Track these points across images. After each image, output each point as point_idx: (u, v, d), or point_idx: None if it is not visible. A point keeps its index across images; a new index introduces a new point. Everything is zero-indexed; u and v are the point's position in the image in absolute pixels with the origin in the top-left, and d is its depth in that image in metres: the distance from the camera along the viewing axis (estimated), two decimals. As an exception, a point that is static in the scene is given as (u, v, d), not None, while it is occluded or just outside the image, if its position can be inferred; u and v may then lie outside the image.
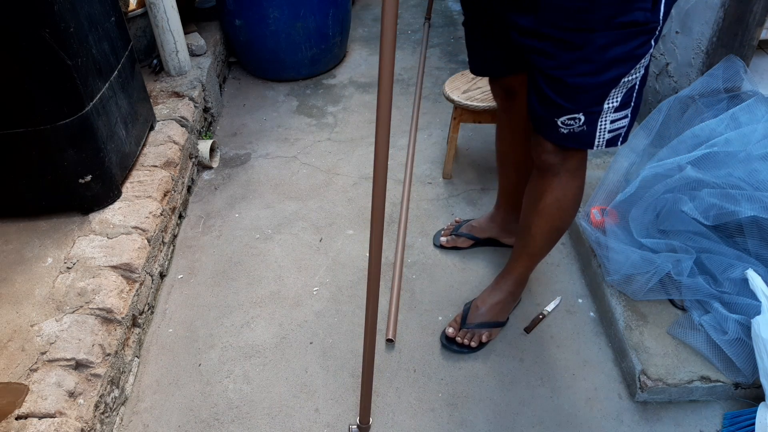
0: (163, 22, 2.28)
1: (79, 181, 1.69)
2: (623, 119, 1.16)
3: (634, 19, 1.00)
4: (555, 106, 1.14)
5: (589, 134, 1.17)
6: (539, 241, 1.48)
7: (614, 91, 1.10)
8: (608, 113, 1.14)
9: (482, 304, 1.61)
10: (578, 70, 1.08)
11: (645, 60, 1.07)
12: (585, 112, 1.13)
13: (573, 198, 1.38)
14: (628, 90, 1.11)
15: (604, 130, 1.17)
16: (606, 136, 1.18)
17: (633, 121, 1.20)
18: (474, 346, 1.57)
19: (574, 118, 1.14)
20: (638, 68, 1.08)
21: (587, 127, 1.16)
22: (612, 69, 1.06)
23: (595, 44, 1.03)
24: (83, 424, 1.29)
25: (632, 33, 1.02)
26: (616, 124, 1.16)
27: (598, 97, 1.11)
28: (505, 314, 1.63)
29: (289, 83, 2.87)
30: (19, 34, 1.43)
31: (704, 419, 1.41)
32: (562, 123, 1.16)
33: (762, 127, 1.53)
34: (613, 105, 1.12)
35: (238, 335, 1.67)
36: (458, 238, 1.88)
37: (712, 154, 1.53)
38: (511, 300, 1.63)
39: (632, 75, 1.08)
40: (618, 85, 1.09)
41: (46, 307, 1.49)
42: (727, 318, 1.41)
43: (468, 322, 1.59)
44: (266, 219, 2.07)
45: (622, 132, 1.19)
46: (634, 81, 1.10)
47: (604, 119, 1.15)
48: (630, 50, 1.04)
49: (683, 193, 1.53)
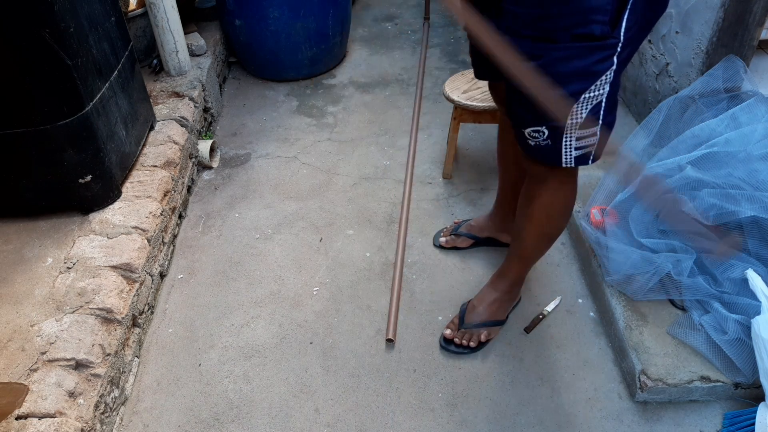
0: (163, 22, 2.28)
1: (79, 181, 1.69)
2: (591, 137, 1.13)
3: (590, 32, 0.99)
4: (519, 116, 1.14)
5: (555, 150, 1.15)
6: (530, 246, 1.50)
7: (576, 107, 1.08)
8: (573, 130, 1.11)
9: (479, 303, 1.61)
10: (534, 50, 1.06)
11: (607, 77, 1.05)
12: (547, 126, 1.12)
13: (562, 206, 1.37)
14: (593, 107, 1.09)
15: (570, 147, 1.14)
16: (574, 154, 1.16)
17: (606, 139, 1.17)
18: (473, 346, 1.57)
19: (538, 131, 1.13)
20: (600, 85, 1.05)
21: (552, 143, 1.14)
22: (570, 83, 1.05)
23: (552, 56, 1.03)
24: (83, 424, 1.29)
25: (590, 47, 1.01)
26: (583, 141, 1.14)
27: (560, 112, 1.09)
28: (504, 313, 1.63)
29: (289, 83, 2.87)
30: (19, 34, 1.43)
31: (704, 419, 1.41)
32: (529, 135, 1.15)
33: (762, 127, 1.53)
34: (576, 121, 1.10)
35: (238, 335, 1.67)
36: (458, 238, 1.89)
37: (712, 154, 1.53)
38: (507, 299, 1.63)
39: (594, 92, 1.06)
40: (579, 101, 1.07)
41: (46, 307, 1.49)
42: (727, 318, 1.41)
43: (466, 323, 1.59)
44: (266, 219, 2.07)
45: (591, 150, 1.17)
46: (599, 98, 1.08)
47: (569, 136, 1.12)
48: (588, 65, 1.02)
49: (683, 193, 1.53)
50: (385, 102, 2.69)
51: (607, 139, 1.18)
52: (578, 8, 0.98)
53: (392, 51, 3.10)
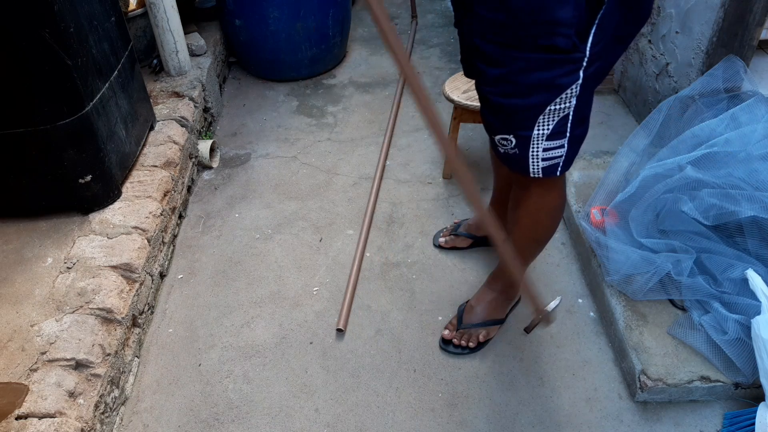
0: (163, 22, 2.28)
1: (79, 181, 1.69)
2: (558, 149, 1.14)
3: (554, 43, 0.98)
4: (489, 122, 1.14)
5: (522, 159, 1.16)
6: (519, 250, 1.48)
7: (542, 119, 1.08)
8: (539, 140, 1.11)
9: (477, 303, 1.61)
10: (501, 90, 1.07)
11: (573, 91, 1.04)
12: (515, 135, 1.12)
13: (547, 212, 1.37)
14: (560, 119, 1.08)
15: (537, 157, 1.15)
16: (541, 164, 1.16)
17: (574, 152, 1.18)
18: (472, 346, 1.57)
19: (507, 138, 1.14)
20: (566, 98, 1.05)
21: (519, 151, 1.14)
22: (534, 94, 1.05)
23: (515, 66, 1.02)
24: (83, 424, 1.29)
25: (554, 60, 1.00)
26: (550, 153, 1.14)
27: (525, 122, 1.09)
28: (502, 312, 1.63)
29: (289, 83, 2.87)
30: (19, 34, 1.43)
31: (704, 419, 1.41)
32: (498, 142, 1.16)
33: (762, 127, 1.53)
34: (544, 132, 1.10)
35: (238, 335, 1.67)
36: (456, 238, 1.89)
37: (712, 154, 1.53)
38: (505, 298, 1.63)
39: (560, 104, 1.06)
40: (544, 113, 1.07)
41: (46, 307, 1.49)
42: (727, 318, 1.41)
43: (464, 323, 1.60)
44: (266, 219, 2.07)
45: (559, 162, 1.17)
46: (566, 111, 1.07)
47: (536, 146, 1.13)
48: (552, 77, 1.02)
49: (683, 193, 1.53)
50: (385, 102, 2.69)
51: (577, 150, 1.18)
52: (542, 19, 0.97)
53: (392, 51, 3.10)
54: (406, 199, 2.12)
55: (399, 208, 2.09)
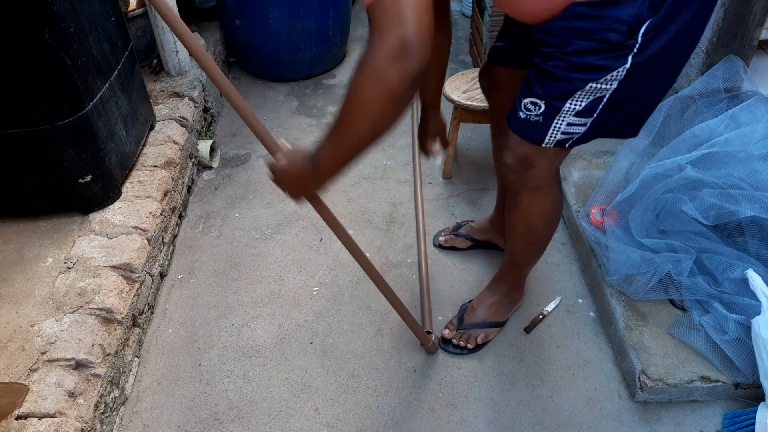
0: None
1: (79, 181, 1.69)
2: (580, 126, 1.15)
3: (606, 38, 1.02)
4: (528, 84, 1.16)
5: (542, 128, 1.17)
6: (517, 255, 1.52)
7: (580, 93, 1.09)
8: (568, 114, 1.13)
9: (478, 305, 1.62)
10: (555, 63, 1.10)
11: (618, 74, 1.06)
12: (547, 102, 1.14)
13: (540, 217, 1.37)
14: (594, 99, 1.10)
15: (558, 130, 1.16)
16: (558, 137, 1.18)
17: (593, 134, 1.18)
18: (471, 347, 1.58)
19: (536, 103, 1.15)
20: (610, 80, 1.07)
21: (543, 120, 1.16)
22: (580, 71, 1.07)
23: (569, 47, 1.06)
24: (83, 424, 1.29)
25: (606, 48, 1.03)
26: (571, 128, 1.16)
27: (562, 92, 1.11)
28: (503, 315, 1.63)
29: (289, 83, 2.87)
30: (19, 34, 1.43)
31: (704, 419, 1.41)
32: (525, 107, 1.17)
33: (762, 127, 1.53)
34: (574, 107, 1.12)
35: (238, 335, 1.67)
36: (456, 239, 1.88)
37: (712, 154, 1.53)
38: (507, 302, 1.63)
39: (601, 84, 1.07)
40: (584, 89, 1.08)
41: (46, 307, 1.49)
42: (727, 318, 1.41)
43: (465, 324, 1.60)
44: (266, 219, 2.07)
45: (574, 137, 1.19)
46: (604, 92, 1.09)
47: (562, 119, 1.14)
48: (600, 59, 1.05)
49: (683, 193, 1.53)
50: (385, 102, 2.69)
51: (597, 134, 1.19)
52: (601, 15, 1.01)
53: (392, 51, 3.10)
54: (406, 199, 2.12)
55: (399, 208, 2.09)
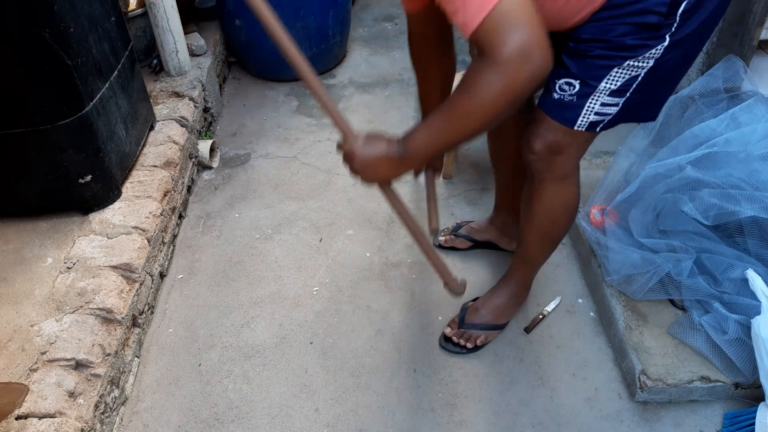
0: (163, 22, 2.28)
1: (79, 181, 1.69)
2: (613, 107, 1.16)
3: (646, 21, 1.04)
4: (560, 65, 1.16)
5: (576, 108, 1.17)
6: (532, 249, 1.50)
7: (617, 71, 1.10)
8: (602, 94, 1.14)
9: (482, 305, 1.61)
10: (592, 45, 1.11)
11: (656, 51, 1.07)
12: (582, 81, 1.13)
13: (563, 208, 1.37)
14: (629, 78, 1.11)
15: (591, 111, 1.16)
16: (590, 118, 1.18)
17: (622, 116, 1.19)
18: (470, 347, 1.57)
19: (571, 83, 1.15)
20: (647, 57, 1.08)
21: (577, 99, 1.16)
22: (620, 51, 1.08)
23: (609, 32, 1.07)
24: (83, 424, 1.29)
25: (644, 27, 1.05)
26: (605, 108, 1.16)
27: (599, 71, 1.11)
28: (505, 318, 1.62)
29: (289, 83, 2.87)
30: (19, 34, 1.43)
31: (704, 419, 1.41)
32: (559, 87, 1.17)
33: (762, 127, 1.53)
34: (610, 87, 1.12)
35: (238, 335, 1.67)
36: (456, 239, 1.88)
37: (712, 154, 1.53)
38: (512, 304, 1.62)
39: (639, 62, 1.08)
40: (623, 65, 1.09)
41: (46, 307, 1.49)
42: (727, 318, 1.41)
43: (466, 323, 1.59)
44: (266, 219, 2.07)
45: (605, 119, 1.19)
46: (639, 71, 1.10)
47: (596, 98, 1.14)
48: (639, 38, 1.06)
49: (683, 193, 1.53)
50: (385, 102, 2.69)
51: (625, 117, 1.19)
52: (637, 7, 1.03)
53: (392, 51, 3.10)
54: (406, 199, 2.12)
55: (399, 208, 2.08)
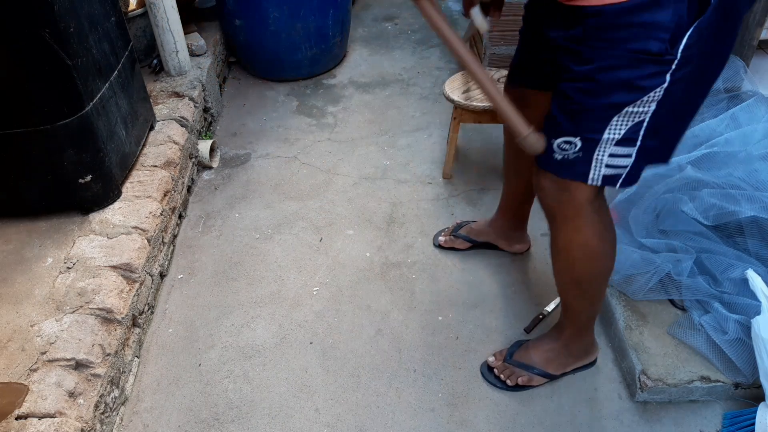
0: (163, 22, 2.28)
1: (79, 181, 1.69)
2: (625, 158, 1.08)
3: (647, 48, 0.95)
4: (555, 123, 1.10)
5: (584, 162, 1.09)
6: (564, 295, 1.40)
7: (617, 120, 1.03)
8: (608, 145, 1.06)
9: (534, 347, 1.51)
10: (583, 86, 1.03)
11: (655, 94, 0.99)
12: (582, 138, 1.07)
13: (579, 249, 1.25)
14: (634, 125, 1.03)
15: (601, 163, 1.08)
16: (603, 171, 1.09)
17: (641, 166, 1.10)
18: (510, 384, 1.47)
19: (570, 142, 1.08)
20: (647, 102, 1.00)
21: (583, 154, 1.08)
22: (615, 93, 1.00)
23: (605, 62, 0.99)
24: (83, 424, 1.29)
25: (643, 59, 0.96)
26: (615, 160, 1.08)
27: (597, 123, 1.05)
28: (558, 368, 1.48)
29: (289, 83, 2.87)
30: (19, 34, 1.43)
31: (704, 419, 1.41)
32: (558, 147, 1.11)
33: (762, 127, 1.54)
34: (614, 136, 1.05)
35: (238, 335, 1.67)
36: (456, 240, 1.88)
37: (712, 154, 1.53)
38: (565, 353, 1.47)
39: (639, 107, 1.01)
40: (621, 113, 1.02)
41: (46, 307, 1.49)
42: (727, 318, 1.41)
43: (514, 359, 1.50)
44: (266, 219, 2.07)
45: (623, 172, 1.10)
46: (642, 116, 1.02)
47: (602, 151, 1.07)
48: (636, 77, 0.98)
49: (683, 193, 1.53)
50: (385, 102, 2.69)
51: (644, 166, 1.11)
52: (640, 21, 0.93)
53: (392, 51, 3.10)
54: (406, 199, 2.12)
55: (399, 208, 2.09)
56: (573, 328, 1.45)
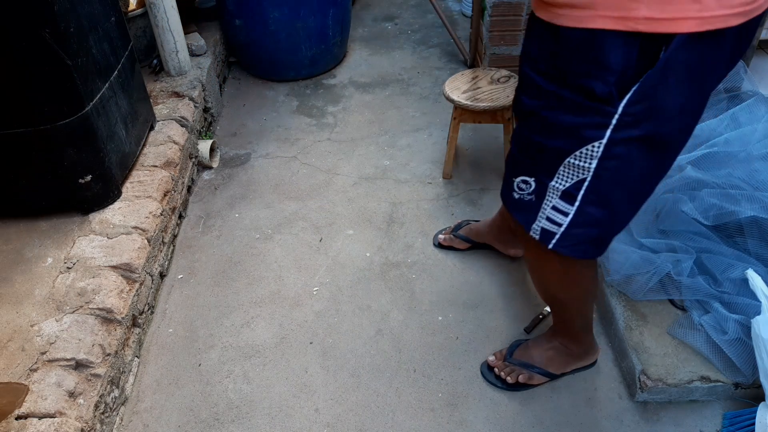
0: (163, 22, 2.28)
1: (79, 181, 1.69)
2: (562, 215, 1.03)
3: (590, 87, 0.90)
4: (514, 161, 1.09)
5: (533, 209, 1.07)
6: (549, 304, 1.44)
7: (562, 170, 0.99)
8: (554, 195, 1.03)
9: (534, 346, 1.51)
10: (532, 124, 1.01)
11: (595, 150, 0.94)
12: (537, 179, 1.04)
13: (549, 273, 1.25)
14: (577, 181, 0.99)
15: (544, 213, 1.06)
16: (542, 224, 1.07)
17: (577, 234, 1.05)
18: (510, 382, 1.48)
19: (527, 182, 1.06)
20: (586, 155, 0.95)
21: (535, 199, 1.06)
22: (557, 137, 0.97)
23: (550, 101, 0.95)
24: (83, 424, 1.29)
25: (583, 105, 0.92)
26: (555, 215, 1.05)
27: (548, 167, 1.01)
28: (558, 367, 1.49)
29: (289, 83, 2.87)
30: (19, 34, 1.43)
31: (704, 419, 1.41)
32: (517, 186, 1.09)
33: (762, 127, 1.54)
34: (559, 186, 1.01)
35: (238, 335, 1.67)
36: (455, 239, 1.88)
37: (712, 154, 1.53)
38: (566, 352, 1.47)
39: (580, 160, 0.96)
40: (564, 164, 0.98)
41: (46, 307, 1.49)
42: (727, 318, 1.41)
43: (514, 358, 1.51)
44: (266, 219, 2.07)
45: (557, 231, 1.06)
46: (585, 174, 0.97)
47: (550, 199, 1.04)
48: (578, 125, 0.94)
49: (683, 193, 1.53)
50: (385, 102, 2.69)
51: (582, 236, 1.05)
52: (589, 57, 0.88)
53: (392, 51, 3.10)
54: (406, 199, 2.12)
55: (399, 208, 2.09)
56: (566, 332, 1.46)
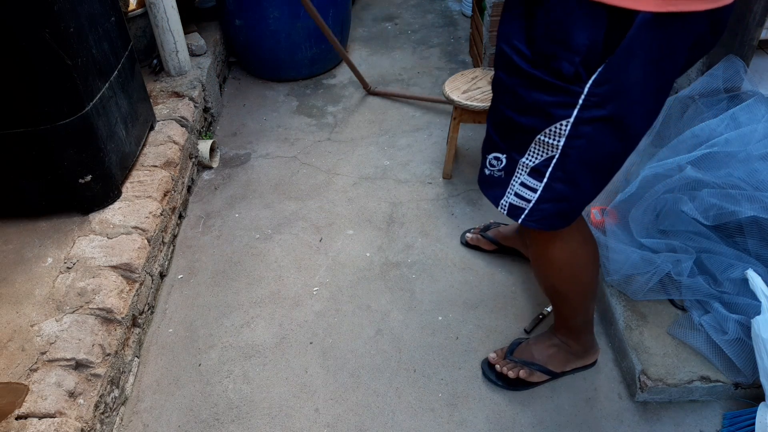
0: (163, 22, 2.28)
1: (79, 181, 1.69)
2: (531, 191, 1.05)
3: (559, 67, 0.91)
4: (488, 138, 1.10)
5: (502, 184, 1.09)
6: (551, 300, 1.43)
7: (533, 147, 1.01)
8: (523, 171, 1.05)
9: (535, 344, 1.52)
10: (506, 99, 1.02)
11: (563, 128, 0.96)
12: (508, 156, 1.06)
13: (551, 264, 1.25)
14: (546, 159, 1.01)
15: (512, 190, 1.07)
16: (510, 199, 1.08)
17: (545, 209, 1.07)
18: (511, 377, 1.47)
19: (499, 158, 1.08)
20: (555, 133, 0.97)
21: (504, 176, 1.08)
22: (529, 114, 0.98)
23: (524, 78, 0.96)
24: (83, 424, 1.29)
25: (554, 84, 0.93)
26: (524, 191, 1.06)
27: (520, 145, 1.03)
28: (559, 365, 1.49)
29: (289, 83, 2.87)
30: (19, 34, 1.43)
31: (704, 419, 1.41)
32: (489, 162, 1.10)
33: (762, 127, 1.53)
34: (528, 163, 1.04)
35: (238, 335, 1.67)
36: (483, 240, 1.86)
37: (712, 154, 1.53)
38: (567, 350, 1.48)
39: (549, 137, 0.98)
40: (535, 141, 1.00)
41: (46, 307, 1.49)
42: (727, 318, 1.41)
43: (514, 355, 1.51)
44: (266, 219, 2.07)
45: (526, 207, 1.08)
46: (554, 152, 0.99)
47: (518, 175, 1.06)
48: (547, 103, 0.95)
49: (683, 193, 1.53)
50: (385, 102, 2.69)
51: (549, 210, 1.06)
52: (557, 38, 0.90)
53: (392, 51, 3.10)
54: (406, 199, 2.12)
55: (399, 208, 2.09)
56: (566, 329, 1.46)
